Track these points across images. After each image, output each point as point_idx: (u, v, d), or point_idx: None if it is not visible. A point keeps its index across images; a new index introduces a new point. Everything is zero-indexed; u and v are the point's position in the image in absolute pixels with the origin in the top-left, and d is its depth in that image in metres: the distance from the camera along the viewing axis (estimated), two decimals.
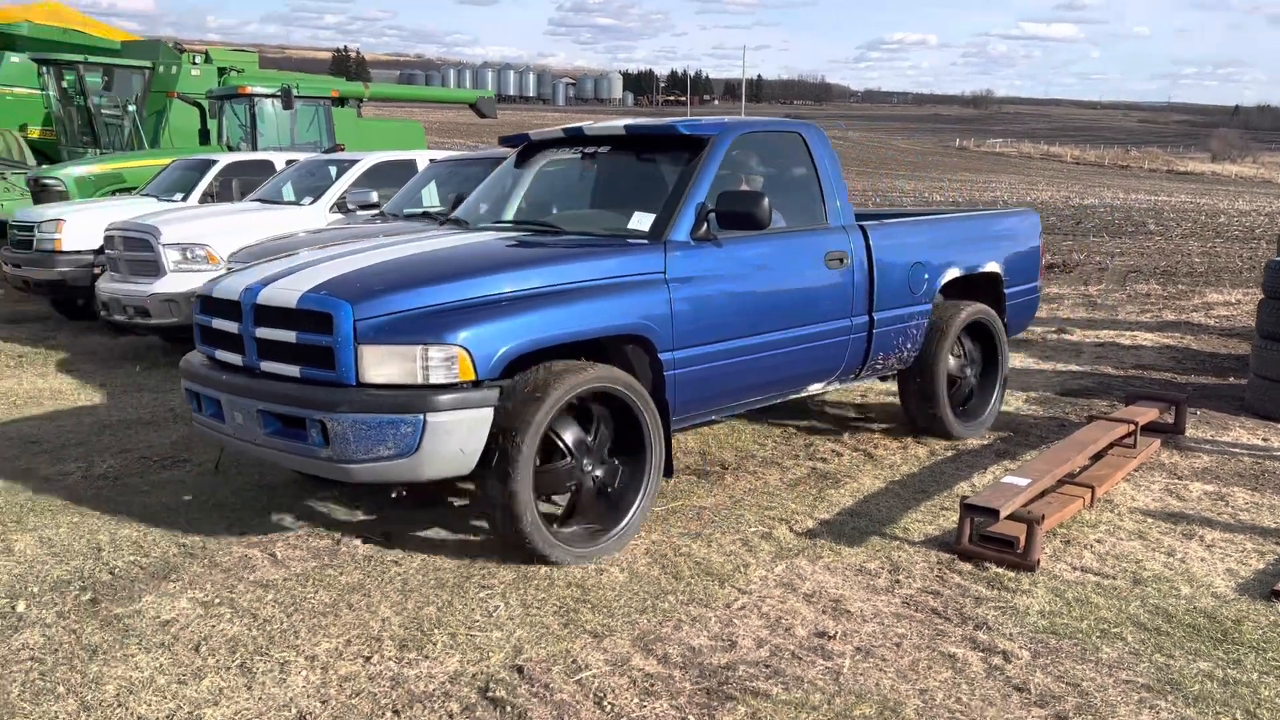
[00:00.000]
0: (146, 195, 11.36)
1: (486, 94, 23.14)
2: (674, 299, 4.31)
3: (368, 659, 3.29)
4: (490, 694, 3.07)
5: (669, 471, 4.36)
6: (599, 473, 4.16)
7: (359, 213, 9.28)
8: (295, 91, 14.62)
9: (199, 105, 16.14)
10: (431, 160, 10.04)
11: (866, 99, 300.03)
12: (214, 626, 3.51)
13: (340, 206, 9.52)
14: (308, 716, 2.94)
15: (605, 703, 3.03)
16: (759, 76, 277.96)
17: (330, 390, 3.74)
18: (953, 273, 5.77)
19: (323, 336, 3.76)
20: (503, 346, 3.76)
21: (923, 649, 3.40)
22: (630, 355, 4.33)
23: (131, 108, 16.87)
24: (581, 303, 4.03)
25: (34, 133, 17.87)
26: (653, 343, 4.24)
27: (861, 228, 5.29)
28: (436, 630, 3.50)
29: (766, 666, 3.27)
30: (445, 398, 3.66)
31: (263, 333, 4.01)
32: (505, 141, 5.79)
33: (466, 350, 3.68)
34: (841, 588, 3.90)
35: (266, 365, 4.01)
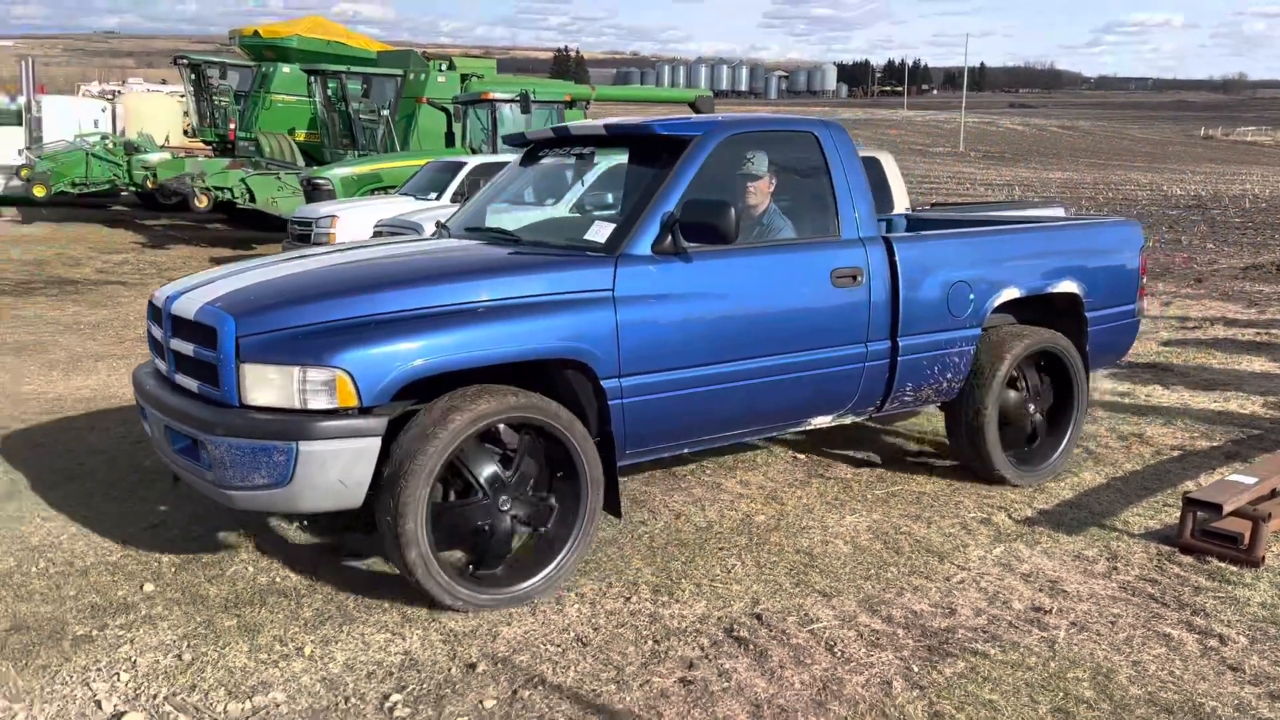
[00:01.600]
0: (404, 194, 12.57)
1: (704, 93, 23.74)
2: (622, 319, 3.85)
3: (627, 599, 3.83)
4: (735, 634, 3.54)
5: (616, 511, 3.98)
6: (520, 512, 3.76)
7: (597, 214, 10.00)
8: (532, 96, 15.65)
9: (445, 110, 17.52)
10: None
11: (1100, 85, 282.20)
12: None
13: (580, 209, 10.28)
14: (584, 640, 3.50)
15: (836, 650, 3.44)
16: (981, 65, 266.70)
17: (213, 410, 3.51)
18: (1010, 293, 5.00)
19: (210, 352, 3.53)
20: (394, 370, 3.41)
21: (1138, 628, 3.61)
22: (573, 381, 3.95)
23: (385, 112, 18.48)
24: (499, 322, 3.63)
25: (300, 136, 19.89)
26: (592, 368, 3.82)
27: (886, 240, 4.65)
28: (683, 580, 4.00)
29: (984, 632, 3.58)
30: (322, 425, 3.35)
31: (175, 344, 3.83)
32: (508, 140, 5.57)
33: (349, 373, 3.35)
34: (1058, 571, 4.13)
35: (178, 378, 3.82)
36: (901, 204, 8.66)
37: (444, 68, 19.36)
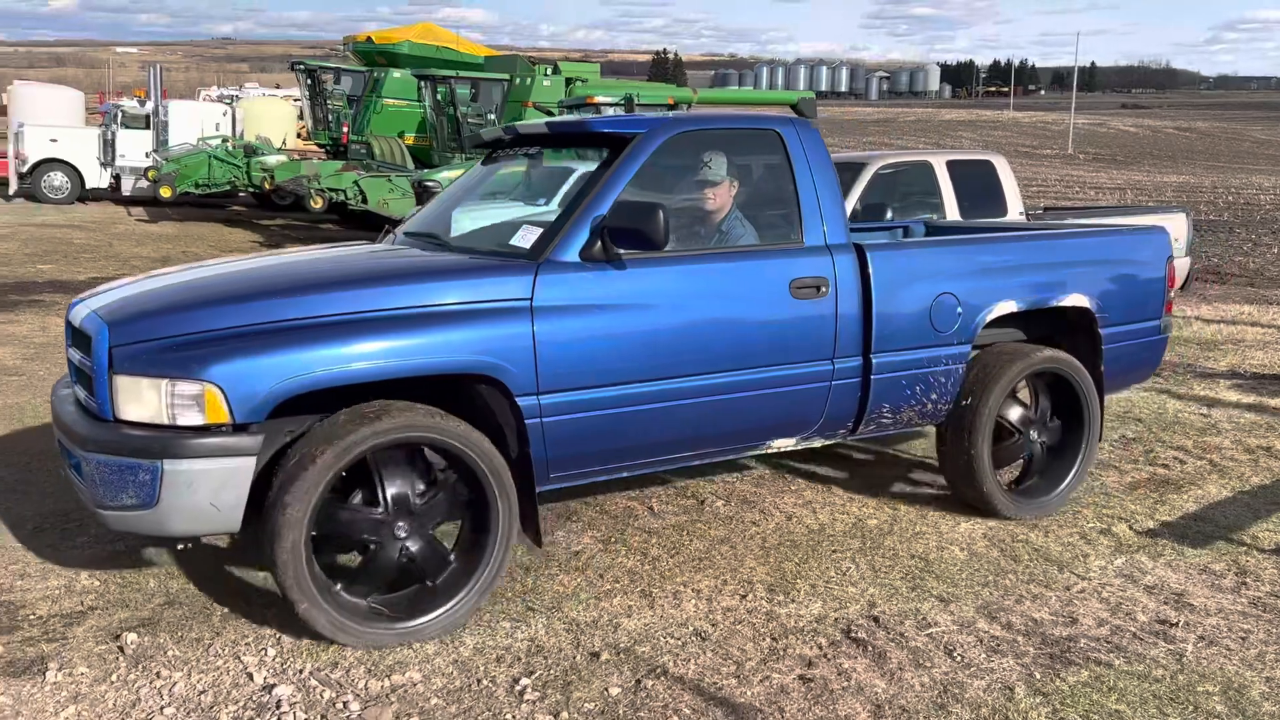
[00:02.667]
0: (513, 200, 12.84)
1: (806, 94, 23.60)
2: (541, 332, 3.57)
3: (743, 596, 3.89)
4: (852, 635, 3.58)
5: (536, 538, 3.71)
6: (414, 547, 3.49)
7: None
8: (636, 100, 15.81)
9: (550, 114, 17.81)
10: None
11: (1219, 85, 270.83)
12: (614, 559, 4.25)
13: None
14: (702, 634, 3.57)
15: (955, 654, 3.45)
16: (1092, 64, 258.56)
17: (89, 424, 3.33)
18: (1005, 307, 4.57)
19: (89, 361, 3.38)
20: (269, 385, 3.18)
21: (1270, 644, 3.53)
22: (490, 399, 3.68)
23: (492, 116, 18.88)
24: (394, 334, 3.37)
25: (409, 140, 20.45)
26: (505, 384, 3.54)
27: (858, 248, 4.27)
28: (799, 580, 4.04)
29: (1108, 642, 3.54)
30: (188, 443, 3.14)
31: (71, 352, 3.72)
32: (473, 138, 5.24)
33: (219, 387, 3.13)
34: (1184, 584, 4.04)
35: (75, 388, 3.69)
36: (1015, 208, 8.52)
37: (549, 72, 19.69)
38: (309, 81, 22.03)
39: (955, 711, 3.09)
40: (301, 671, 3.25)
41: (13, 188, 22.27)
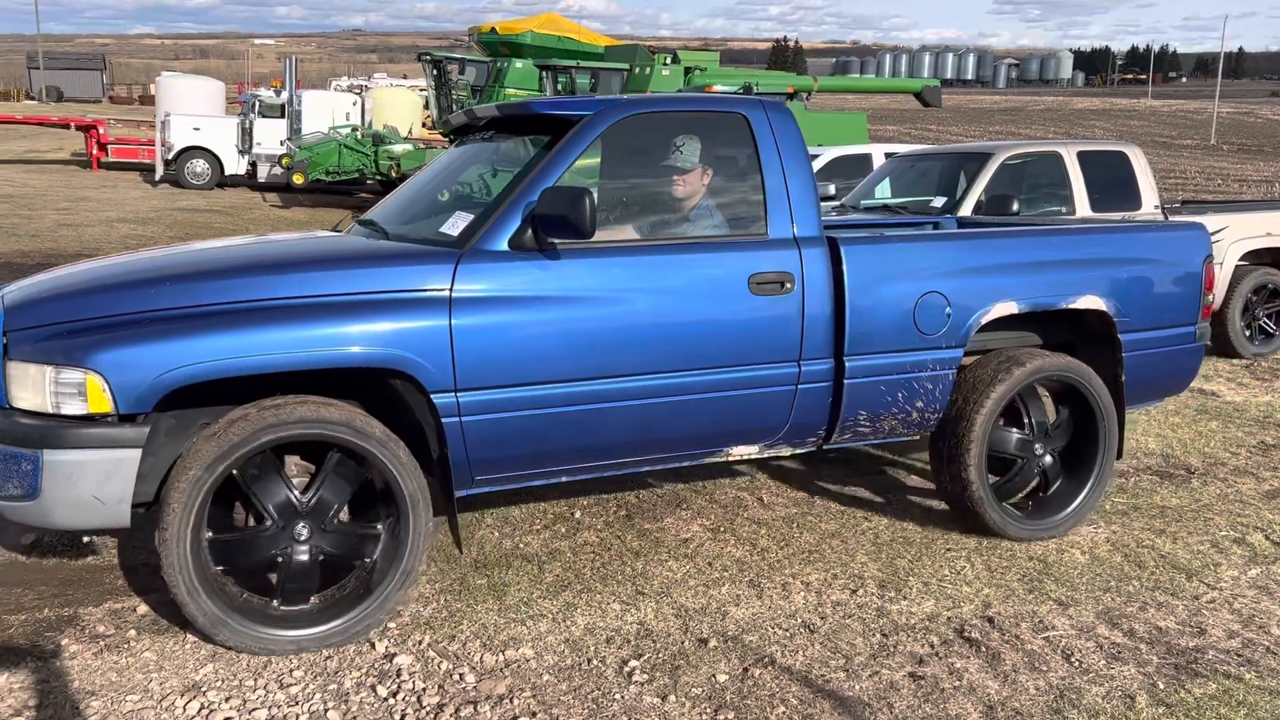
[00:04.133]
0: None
1: (932, 82, 23.08)
2: (459, 325, 3.36)
3: (854, 591, 3.87)
4: (965, 634, 3.52)
5: (456, 542, 3.51)
6: (324, 543, 3.34)
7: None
8: (755, 89, 15.73)
9: None
10: (887, 155, 10.50)
11: None
12: (723, 548, 4.27)
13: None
14: (810, 627, 3.57)
15: (1073, 659, 3.36)
16: (1240, 49, 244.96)
17: None
18: (1003, 308, 4.18)
19: None
20: (156, 374, 3.03)
21: None
22: (406, 396, 3.47)
23: None
24: (296, 323, 3.19)
25: None
26: (419, 380, 3.34)
27: (832, 241, 3.95)
28: (911, 577, 3.99)
29: (1238, 655, 3.40)
30: (67, 432, 3.03)
31: None
32: (443, 124, 4.88)
33: (102, 376, 3.00)
34: None
35: None
36: (1150, 202, 8.17)
37: (668, 61, 19.76)
38: (435, 72, 22.62)
39: (1071, 717, 3.01)
40: (421, 643, 3.38)
41: (159, 174, 23.54)
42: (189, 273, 3.40)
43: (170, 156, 23.12)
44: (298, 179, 20.05)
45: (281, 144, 22.50)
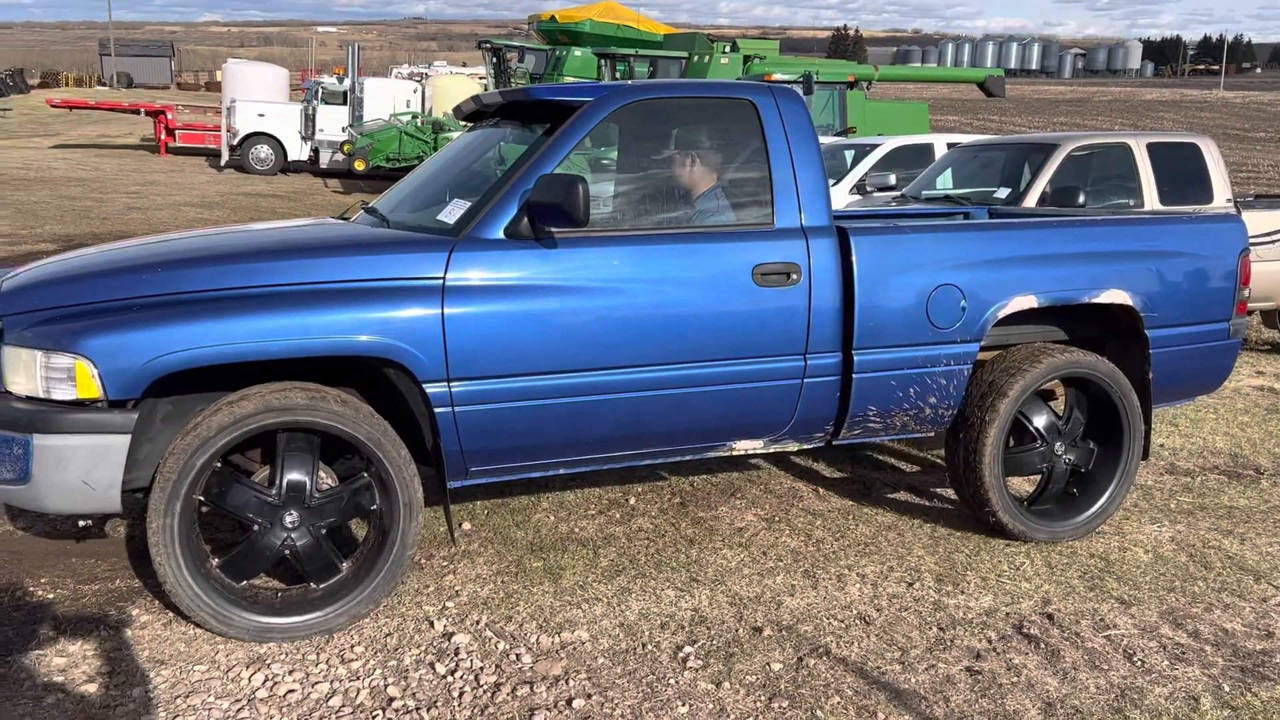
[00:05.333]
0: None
1: (995, 72, 22.67)
2: (452, 313, 3.32)
3: (910, 584, 3.84)
4: (1024, 631, 3.48)
5: (449, 533, 3.60)
6: (301, 537, 3.31)
7: (877, 195, 9.88)
8: (815, 77, 15.58)
9: None
10: (949, 145, 10.35)
11: None
12: (777, 538, 4.27)
13: (859, 188, 10.18)
14: (866, 619, 3.55)
15: (1135, 659, 3.30)
16: None
17: None
18: (1022, 302, 4.06)
19: None
20: (145, 359, 3.03)
21: None
22: (400, 385, 3.44)
23: None
24: (281, 311, 3.16)
25: None
26: (411, 369, 3.30)
27: (841, 231, 3.86)
28: (969, 572, 3.95)
29: None
30: (57, 417, 3.04)
31: None
32: (455, 111, 4.97)
33: (90, 361, 3.01)
34: None
35: None
36: (1223, 195, 7.96)
37: (727, 49, 19.65)
38: (494, 60, 22.77)
39: (1133, 717, 2.97)
40: (478, 623, 3.43)
41: (224, 159, 24.02)
42: (181, 259, 3.40)
43: (235, 142, 23.58)
44: (359, 165, 20.36)
45: (343, 130, 22.83)
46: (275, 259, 3.33)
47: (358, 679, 3.08)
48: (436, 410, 3.35)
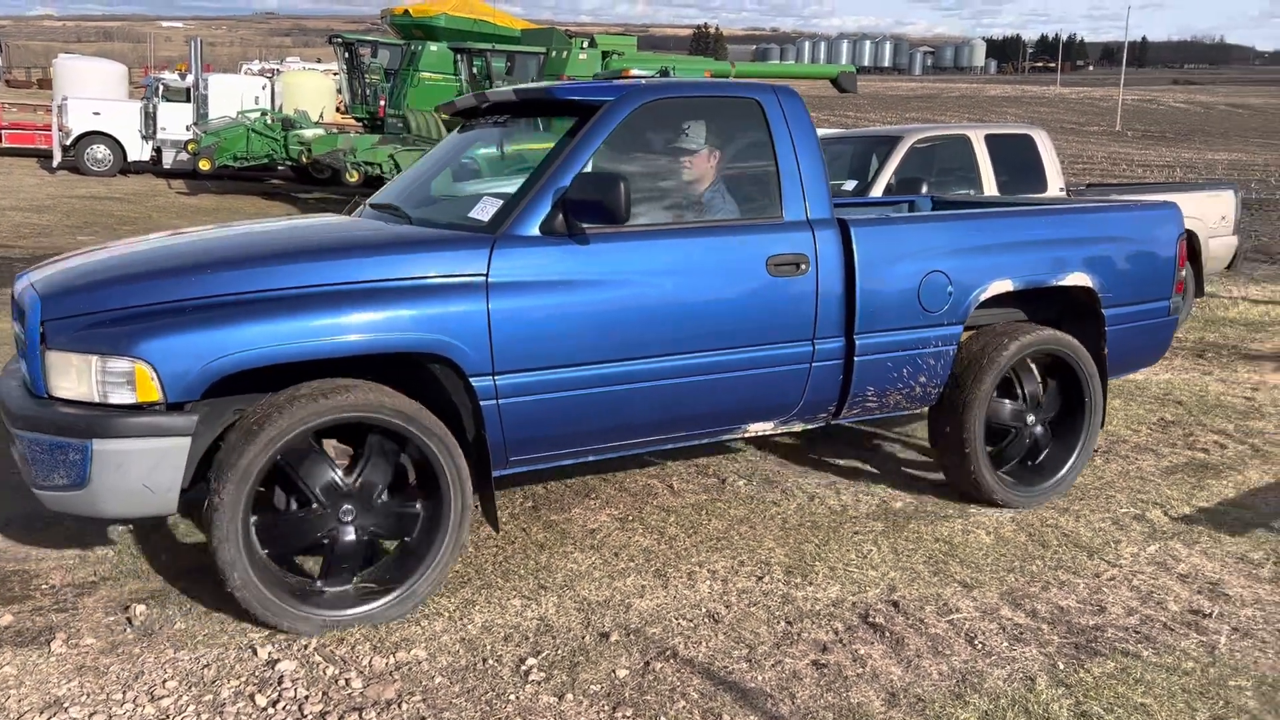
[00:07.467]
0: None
1: (848, 69, 23.28)
2: (496, 309, 3.41)
3: (760, 578, 3.80)
4: (870, 620, 3.48)
5: (494, 523, 3.61)
6: (370, 522, 3.39)
7: None
8: (672, 73, 15.63)
9: None
10: None
11: (1274, 60, 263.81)
12: (630, 538, 4.18)
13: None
14: (715, 616, 3.49)
15: (976, 642, 3.34)
16: (1143, 39, 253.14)
17: (23, 401, 3.22)
18: (1000, 286, 4.36)
19: (25, 336, 3.28)
20: (203, 361, 3.04)
21: None
22: (443, 379, 3.53)
23: None
24: (337, 310, 3.21)
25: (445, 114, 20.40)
26: (458, 364, 3.39)
27: (842, 223, 4.08)
28: (817, 563, 3.95)
29: (1137, 632, 3.41)
30: (118, 421, 3.02)
31: (14, 326, 3.60)
32: (443, 108, 5.08)
33: (150, 364, 3.00)
34: (1219, 573, 3.90)
35: (20, 363, 3.52)
36: (1055, 185, 8.29)
37: (585, 45, 19.55)
38: (346, 55, 22.04)
39: (973, 701, 2.99)
40: (306, 647, 3.21)
41: (56, 160, 22.57)
42: (228, 259, 3.39)
43: (69, 142, 22.18)
44: (204, 165, 19.41)
45: (187, 129, 21.75)
46: (321, 258, 3.36)
47: (167, 718, 2.83)
48: (482, 403, 3.45)
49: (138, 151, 22.76)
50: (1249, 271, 11.97)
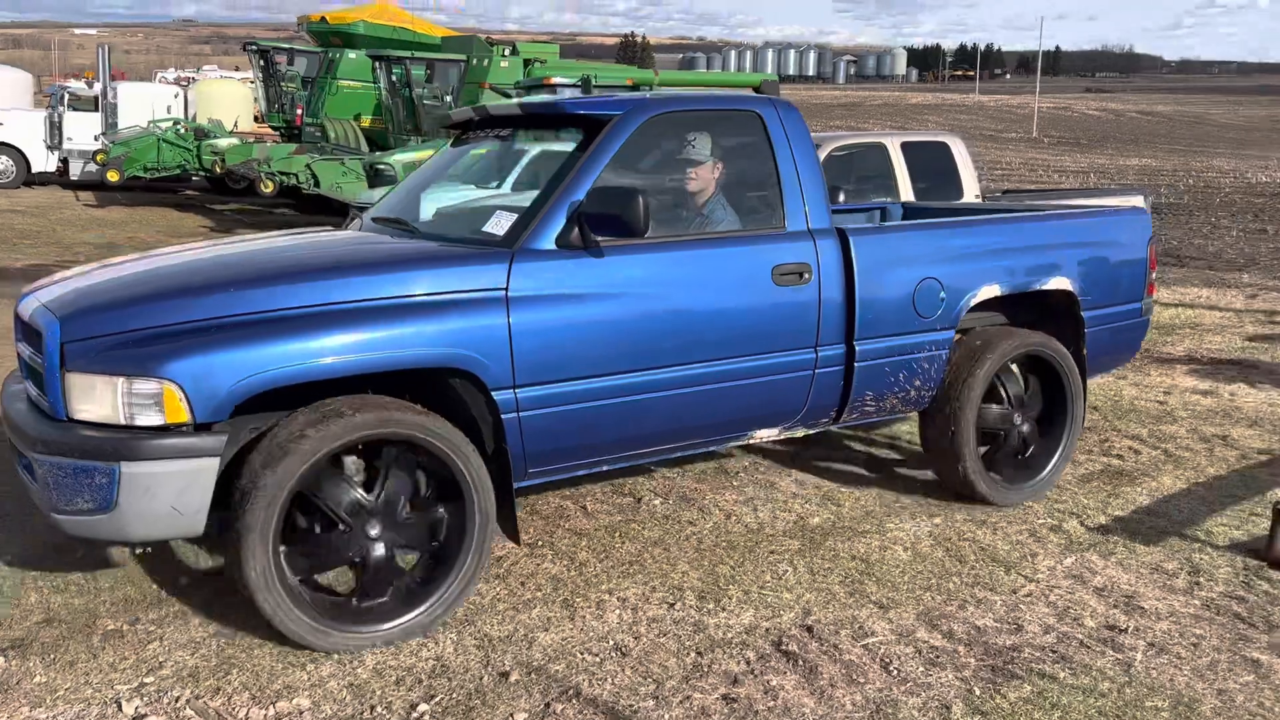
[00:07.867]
0: (465, 183, 12.51)
1: (769, 77, 23.32)
2: (517, 323, 3.43)
3: (671, 605, 3.65)
4: (783, 647, 3.35)
5: (514, 536, 3.61)
6: (397, 536, 3.37)
7: None
8: (594, 81, 15.47)
9: (508, 95, 17.42)
10: None
11: (1181, 69, 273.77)
12: (539, 565, 4.00)
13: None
14: (623, 649, 3.33)
15: (891, 668, 3.23)
16: (1057, 48, 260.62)
17: (40, 424, 3.15)
18: (989, 291, 4.48)
19: (39, 357, 3.21)
20: (233, 381, 3.00)
21: (1223, 651, 3.34)
22: (464, 393, 3.53)
23: (449, 98, 18.45)
24: (362, 327, 3.20)
25: (365, 122, 19.98)
26: (481, 378, 3.40)
27: (841, 232, 4.16)
28: (731, 586, 3.81)
29: (1053, 652, 3.34)
30: (147, 444, 2.97)
31: (20, 346, 3.58)
32: (441, 121, 5.21)
33: (178, 385, 2.96)
34: (1135, 585, 3.85)
35: (26, 384, 3.52)
36: (971, 190, 8.33)
37: (506, 53, 19.27)
38: (262, 63, 21.48)
39: None
40: (178, 700, 2.97)
41: None
42: (248, 277, 3.36)
43: None
44: (112, 176, 18.72)
45: (95, 139, 20.99)
46: (344, 275, 3.34)
47: None
48: (504, 416, 3.46)
49: (43, 163, 21.89)
50: (1159, 276, 12.22)
